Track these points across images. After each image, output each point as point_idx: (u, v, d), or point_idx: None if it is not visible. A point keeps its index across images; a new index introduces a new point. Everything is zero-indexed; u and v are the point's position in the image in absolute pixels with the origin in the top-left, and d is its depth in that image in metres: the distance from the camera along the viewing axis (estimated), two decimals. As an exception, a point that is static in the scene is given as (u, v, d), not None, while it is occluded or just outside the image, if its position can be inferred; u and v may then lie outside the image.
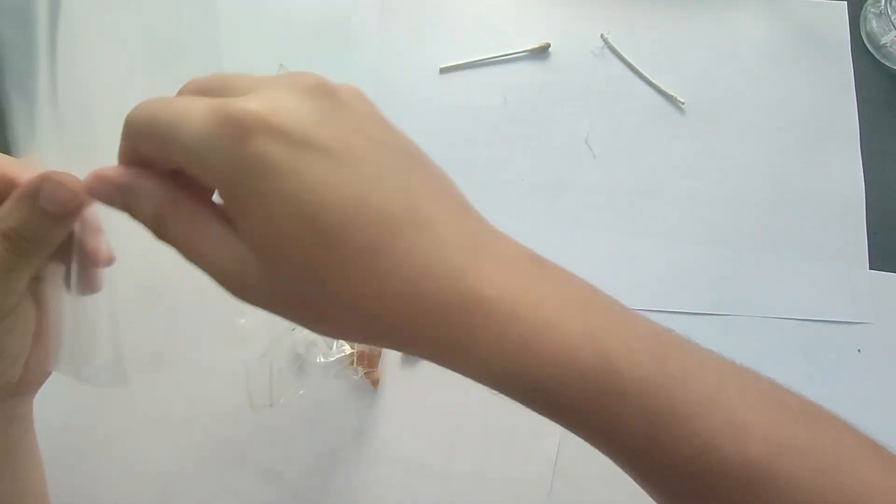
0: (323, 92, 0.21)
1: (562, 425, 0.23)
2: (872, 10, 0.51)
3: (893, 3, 0.49)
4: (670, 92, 0.49)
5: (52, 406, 0.44)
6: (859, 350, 0.46)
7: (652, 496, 0.24)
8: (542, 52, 0.49)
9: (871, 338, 0.46)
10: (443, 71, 0.49)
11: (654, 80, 0.49)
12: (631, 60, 0.49)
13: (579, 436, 0.23)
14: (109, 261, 0.28)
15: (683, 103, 0.49)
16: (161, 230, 0.22)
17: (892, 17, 0.48)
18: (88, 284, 0.29)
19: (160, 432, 0.44)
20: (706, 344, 0.50)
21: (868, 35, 0.51)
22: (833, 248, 0.47)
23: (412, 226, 0.20)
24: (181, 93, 0.24)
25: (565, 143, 0.48)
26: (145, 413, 0.44)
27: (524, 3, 0.50)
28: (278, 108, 0.20)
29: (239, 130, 0.19)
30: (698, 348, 0.23)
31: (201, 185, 0.22)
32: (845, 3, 0.51)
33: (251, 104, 0.20)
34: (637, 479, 0.24)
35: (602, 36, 0.50)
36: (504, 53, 0.49)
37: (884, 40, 0.49)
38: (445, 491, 0.44)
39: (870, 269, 0.47)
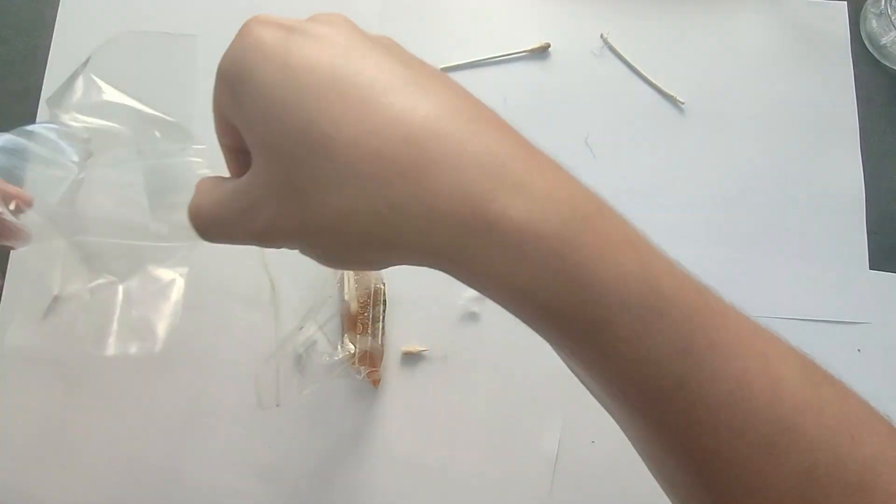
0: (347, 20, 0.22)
1: (578, 357, 0.20)
2: (872, 10, 0.51)
3: (893, 3, 0.49)
4: (670, 92, 0.49)
5: (54, 406, 0.44)
6: (859, 350, 0.46)
7: (652, 452, 0.22)
8: (542, 52, 0.49)
9: (871, 338, 0.46)
10: (443, 71, 0.49)
11: (654, 80, 0.49)
12: (631, 60, 0.49)
13: (595, 374, 0.20)
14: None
15: (683, 103, 0.49)
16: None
17: (893, 18, 0.48)
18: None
19: (162, 432, 0.44)
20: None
21: (868, 35, 0.51)
22: (833, 248, 0.47)
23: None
24: None
25: (565, 143, 0.48)
26: (148, 412, 0.44)
27: (524, 3, 0.50)
28: (284, 16, 0.21)
29: (244, 29, 0.21)
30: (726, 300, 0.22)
31: None
32: (845, 3, 0.51)
33: (261, 15, 0.22)
34: (645, 435, 0.21)
35: (602, 36, 0.50)
36: (504, 53, 0.49)
37: (884, 40, 0.49)
38: (445, 491, 0.44)
39: (870, 269, 0.47)
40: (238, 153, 0.23)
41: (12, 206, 0.33)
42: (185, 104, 0.44)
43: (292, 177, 0.20)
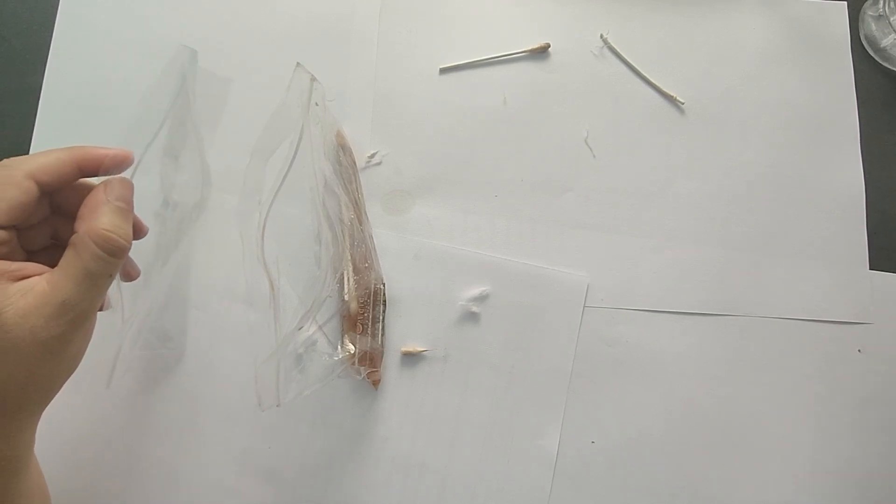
0: None
1: None
2: (870, 12, 0.51)
3: (892, 4, 0.49)
4: (670, 92, 0.49)
5: (53, 406, 0.44)
6: (859, 350, 0.46)
7: None
8: (542, 52, 0.49)
9: (871, 338, 0.46)
10: (443, 71, 0.49)
11: (654, 80, 0.49)
12: (631, 60, 0.49)
13: None
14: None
15: (683, 103, 0.49)
16: None
17: (892, 20, 0.48)
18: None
19: (161, 432, 0.44)
20: (706, 344, 0.51)
21: (867, 37, 0.51)
22: (833, 248, 0.47)
23: None
24: None
25: (565, 143, 0.48)
26: (148, 413, 0.44)
27: (524, 3, 0.50)
28: None
29: None
30: None
31: None
32: (845, 3, 0.51)
33: None
34: None
35: (602, 36, 0.50)
36: (504, 53, 0.49)
37: (883, 43, 0.49)
38: (445, 491, 0.44)
39: (870, 269, 0.47)
40: None
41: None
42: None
43: None
